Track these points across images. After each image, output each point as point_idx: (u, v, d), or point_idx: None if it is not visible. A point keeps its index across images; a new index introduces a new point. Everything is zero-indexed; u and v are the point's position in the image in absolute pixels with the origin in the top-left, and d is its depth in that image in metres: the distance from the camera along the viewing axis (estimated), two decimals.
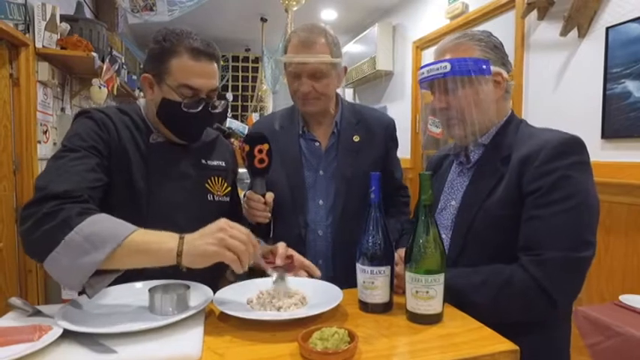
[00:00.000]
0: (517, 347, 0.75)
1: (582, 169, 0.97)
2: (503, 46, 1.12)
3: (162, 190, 1.08)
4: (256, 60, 6.01)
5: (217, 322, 0.87)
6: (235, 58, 6.04)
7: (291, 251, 1.13)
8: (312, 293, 0.97)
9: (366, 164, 1.36)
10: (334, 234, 1.33)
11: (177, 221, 1.06)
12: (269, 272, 1.09)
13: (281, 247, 1.11)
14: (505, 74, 1.09)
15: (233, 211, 1.26)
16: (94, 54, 2.60)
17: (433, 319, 0.87)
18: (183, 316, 0.81)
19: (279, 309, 0.89)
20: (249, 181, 1.30)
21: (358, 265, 0.95)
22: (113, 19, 3.57)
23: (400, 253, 0.98)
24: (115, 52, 3.19)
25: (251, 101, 5.95)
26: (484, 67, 1.05)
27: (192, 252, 0.81)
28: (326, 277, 1.30)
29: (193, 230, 1.03)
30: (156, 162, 1.09)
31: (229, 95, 5.74)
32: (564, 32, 2.43)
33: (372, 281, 0.92)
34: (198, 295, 0.92)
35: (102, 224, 0.83)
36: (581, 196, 0.94)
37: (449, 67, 1.05)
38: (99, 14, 3.35)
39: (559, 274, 0.91)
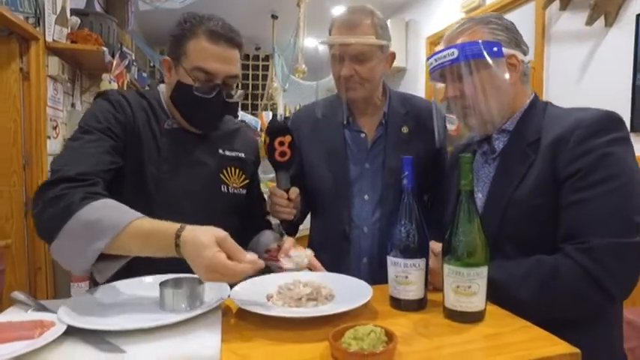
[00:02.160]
0: (578, 350, 0.66)
1: (624, 146, 0.89)
2: (515, 27, 1.04)
3: (172, 177, 1.02)
4: (266, 58, 5.95)
5: (235, 319, 0.79)
6: (245, 57, 5.99)
7: (299, 247, 1.05)
8: (339, 289, 0.88)
9: (416, 157, 1.26)
10: (381, 231, 1.24)
11: (184, 209, 1.00)
12: (272, 269, 1.02)
13: (288, 242, 1.04)
14: (520, 56, 1.01)
15: (250, 205, 1.19)
16: (104, 48, 2.56)
17: (475, 317, 0.78)
18: (198, 312, 0.73)
19: (299, 299, 0.81)
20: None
21: (390, 258, 0.86)
22: (124, 16, 3.53)
23: (434, 245, 0.89)
24: (125, 49, 3.15)
25: (261, 100, 5.89)
26: (495, 49, 0.98)
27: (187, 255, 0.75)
28: (370, 277, 1.20)
29: (198, 219, 0.98)
30: (169, 148, 1.04)
31: (239, 93, 5.67)
32: (590, 21, 2.33)
33: (406, 275, 0.84)
34: (214, 290, 0.84)
35: (102, 211, 0.79)
36: (626, 175, 0.86)
37: (456, 53, 0.98)
38: (109, 10, 3.31)
39: (611, 262, 0.82)
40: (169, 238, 0.74)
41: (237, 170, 1.14)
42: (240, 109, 5.36)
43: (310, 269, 1.04)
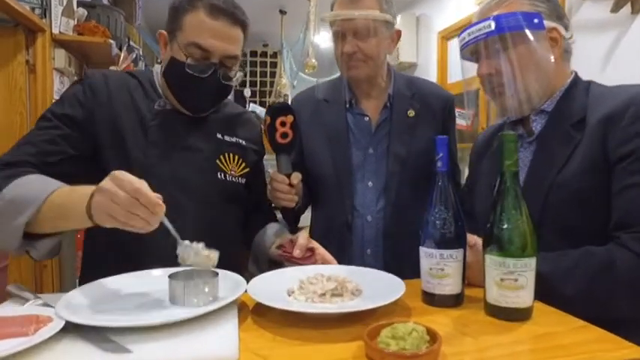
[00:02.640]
0: None
1: None
2: None
3: (162, 164, 0.93)
4: (274, 55, 5.88)
5: (254, 316, 0.71)
6: (253, 54, 5.93)
7: (314, 243, 0.96)
8: (365, 283, 0.80)
9: (422, 142, 1.20)
10: (385, 220, 1.16)
11: (179, 200, 0.92)
12: (285, 265, 0.94)
13: (302, 236, 0.95)
14: (562, 30, 0.92)
15: (253, 197, 1.10)
16: (112, 41, 2.50)
17: (522, 315, 0.69)
18: (213, 307, 0.65)
19: (322, 295, 0.73)
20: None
21: (423, 249, 0.77)
22: (131, 11, 3.48)
23: (469, 237, 0.80)
24: (132, 43, 3.09)
25: (269, 96, 5.82)
26: (535, 21, 0.89)
27: (94, 214, 0.68)
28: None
29: (192, 209, 0.92)
30: (157, 131, 0.94)
31: (247, 91, 5.62)
32: (615, 9, 2.22)
33: (442, 268, 0.75)
34: (228, 283, 0.76)
35: (27, 186, 0.76)
36: None
37: (493, 25, 0.90)
38: (116, 2, 3.26)
39: None
40: (82, 201, 0.69)
41: (237, 157, 1.05)
42: (248, 103, 5.31)
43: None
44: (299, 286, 0.78)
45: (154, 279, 0.79)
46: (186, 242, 0.74)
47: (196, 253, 0.72)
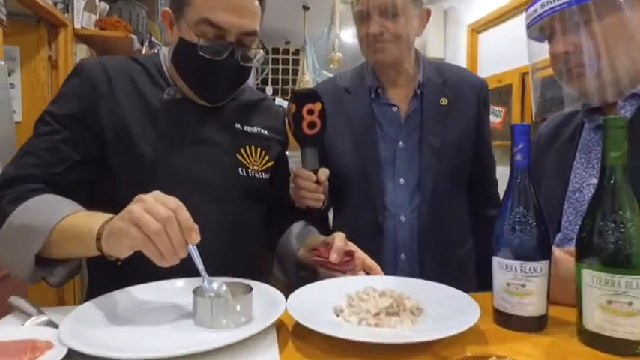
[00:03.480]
0: None
1: None
2: None
3: (174, 160, 0.81)
4: (296, 52, 5.78)
5: (295, 339, 0.59)
6: (275, 51, 5.84)
7: (352, 245, 0.84)
8: (426, 299, 0.67)
9: (456, 132, 1.07)
10: (421, 220, 1.03)
11: (191, 199, 0.79)
12: (319, 271, 0.81)
13: (339, 238, 0.82)
14: None
15: (274, 192, 0.97)
16: (133, 36, 2.43)
17: (634, 348, 0.54)
18: (247, 334, 0.52)
19: (376, 315, 0.60)
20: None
21: (498, 260, 0.64)
22: (154, 7, 3.43)
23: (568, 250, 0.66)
24: (154, 40, 3.03)
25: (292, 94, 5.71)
26: None
27: (107, 232, 0.60)
28: (409, 276, 1.02)
29: (211, 211, 0.81)
30: (168, 123, 0.82)
31: (269, 89, 5.53)
32: None
33: (523, 284, 0.61)
34: (263, 297, 0.64)
35: (34, 212, 0.68)
36: None
37: None
38: None
39: None
40: (102, 218, 0.62)
41: (259, 150, 0.93)
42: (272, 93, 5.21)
43: (367, 272, 0.83)
44: (348, 303, 0.65)
45: (176, 291, 0.68)
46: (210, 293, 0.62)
47: (224, 307, 0.58)
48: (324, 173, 0.88)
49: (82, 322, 0.55)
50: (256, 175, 0.91)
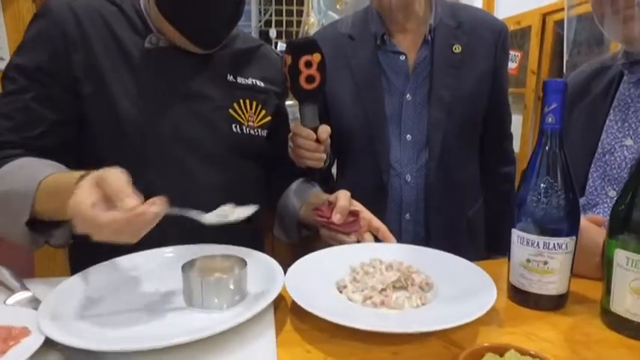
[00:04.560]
0: None
1: None
2: None
3: (160, 118, 0.73)
4: None
5: (294, 319, 0.55)
6: None
7: (357, 205, 0.78)
8: (435, 271, 0.62)
9: (470, 83, 0.97)
10: (428, 179, 0.97)
11: (185, 162, 0.74)
12: (321, 233, 0.76)
13: (342, 197, 0.76)
14: None
15: (275, 153, 0.90)
16: None
17: None
18: (244, 318, 0.48)
19: (383, 290, 0.56)
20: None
21: (517, 233, 0.58)
22: None
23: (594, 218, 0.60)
24: None
25: (296, 37, 5.44)
26: None
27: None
28: (414, 239, 0.97)
29: (205, 173, 0.76)
30: (150, 76, 0.73)
31: (272, 32, 5.25)
32: None
33: (545, 261, 0.56)
34: (259, 271, 0.59)
35: (11, 178, 0.62)
36: None
37: None
38: None
39: None
40: (64, 199, 0.51)
41: (255, 103, 0.84)
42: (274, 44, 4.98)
43: (373, 234, 0.78)
44: (351, 277, 0.60)
45: (167, 262, 0.63)
46: (208, 216, 0.57)
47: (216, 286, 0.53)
48: (325, 131, 0.81)
49: (63, 303, 0.50)
50: (252, 131, 0.83)
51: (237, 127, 0.81)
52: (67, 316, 0.48)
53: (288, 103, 0.97)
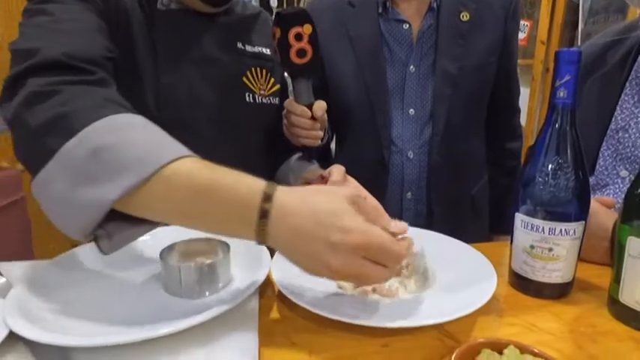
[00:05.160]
0: None
1: None
2: None
3: (176, 81, 0.69)
4: None
5: (281, 307, 0.52)
6: None
7: (351, 181, 0.74)
8: (430, 255, 0.58)
9: (477, 54, 0.92)
10: (431, 156, 0.92)
11: (195, 124, 0.71)
12: None
13: (336, 172, 0.73)
14: None
15: (276, 120, 0.87)
16: None
17: None
18: (224, 308, 0.44)
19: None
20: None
21: (520, 217, 0.54)
22: None
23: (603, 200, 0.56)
24: None
25: (298, 2, 5.26)
26: None
27: (277, 244, 0.43)
28: (415, 218, 0.94)
29: (218, 142, 0.72)
30: (165, 38, 0.70)
31: (273, 0, 5.07)
32: None
33: (550, 247, 0.52)
34: (245, 254, 0.56)
35: (127, 134, 0.43)
36: None
37: None
38: None
39: None
40: (251, 192, 0.41)
41: (264, 72, 0.82)
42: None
43: None
44: None
45: (143, 247, 0.60)
46: None
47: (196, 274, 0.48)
48: (320, 108, 0.76)
49: (33, 291, 0.47)
50: (264, 100, 0.81)
51: (251, 96, 0.79)
52: (35, 306, 0.45)
53: (285, 75, 0.93)
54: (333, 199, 0.41)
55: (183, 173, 0.42)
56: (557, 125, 0.52)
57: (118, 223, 0.44)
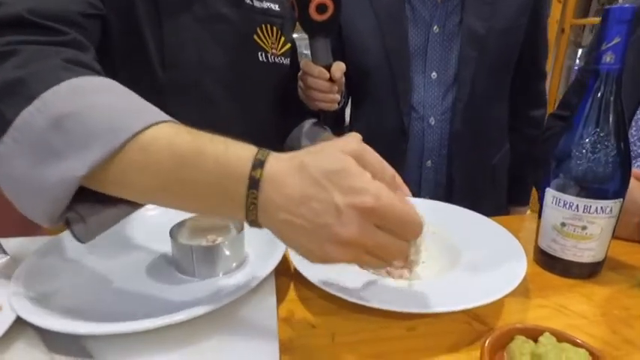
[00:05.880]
0: None
1: None
2: None
3: (183, 42, 0.64)
4: None
5: (299, 289, 0.49)
6: None
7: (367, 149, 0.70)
8: (453, 231, 0.56)
9: (508, 13, 0.86)
10: (454, 123, 0.88)
11: (205, 90, 0.66)
12: None
13: (352, 141, 0.68)
14: None
15: (287, 83, 0.82)
16: None
17: None
18: (239, 294, 0.41)
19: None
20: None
21: (552, 193, 0.50)
22: None
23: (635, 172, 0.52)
24: None
25: None
26: None
27: (271, 220, 0.34)
28: (435, 189, 0.91)
29: (231, 107, 0.69)
30: None
31: None
32: None
33: (584, 226, 0.49)
34: (253, 232, 0.53)
35: (90, 98, 0.36)
36: None
37: None
38: None
39: None
40: (241, 160, 0.33)
41: (275, 29, 0.75)
42: None
43: None
44: None
45: (151, 223, 0.57)
46: None
47: (209, 255, 0.45)
48: (339, 69, 0.72)
49: (39, 271, 0.45)
50: (276, 59, 0.76)
51: (263, 55, 0.73)
52: (42, 290, 0.43)
53: (294, 36, 0.87)
54: (335, 157, 0.33)
55: (161, 139, 0.34)
56: (599, 94, 0.47)
57: (91, 204, 0.37)
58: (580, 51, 3.35)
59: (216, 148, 0.34)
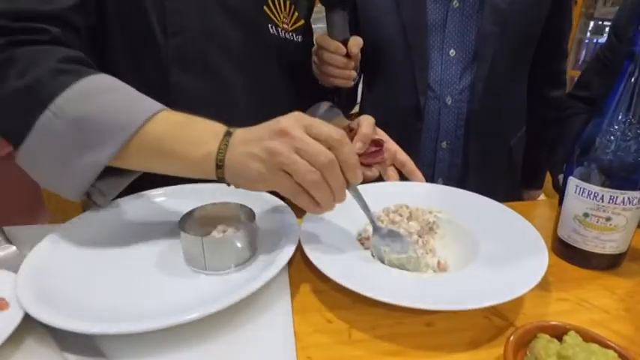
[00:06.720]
0: None
1: None
2: None
3: (189, 14, 0.60)
4: None
5: (311, 277, 0.48)
6: None
7: (381, 134, 0.68)
8: (468, 219, 0.54)
9: None
10: (472, 103, 0.84)
11: (215, 63, 0.63)
12: None
13: (365, 123, 0.65)
14: None
15: (302, 62, 0.79)
16: None
17: None
18: (258, 283, 0.40)
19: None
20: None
21: (575, 182, 0.48)
22: None
23: None
24: None
25: None
26: None
27: (234, 165, 0.43)
28: (449, 170, 0.89)
29: (246, 86, 0.67)
30: None
31: None
32: None
33: (608, 217, 0.47)
34: (271, 220, 0.52)
35: (101, 99, 0.45)
36: None
37: None
38: None
39: None
40: (215, 134, 0.44)
41: (288, 3, 0.71)
42: None
43: (397, 169, 0.69)
44: (374, 227, 0.53)
45: (158, 209, 0.55)
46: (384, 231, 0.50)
47: (220, 247, 0.46)
48: (356, 44, 0.69)
49: (46, 265, 0.44)
50: (287, 35, 0.72)
51: (274, 28, 0.69)
52: (50, 285, 0.41)
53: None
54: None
55: (150, 133, 0.45)
56: (632, 79, 0.44)
57: (106, 178, 0.49)
58: (592, 23, 3.25)
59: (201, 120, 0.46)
